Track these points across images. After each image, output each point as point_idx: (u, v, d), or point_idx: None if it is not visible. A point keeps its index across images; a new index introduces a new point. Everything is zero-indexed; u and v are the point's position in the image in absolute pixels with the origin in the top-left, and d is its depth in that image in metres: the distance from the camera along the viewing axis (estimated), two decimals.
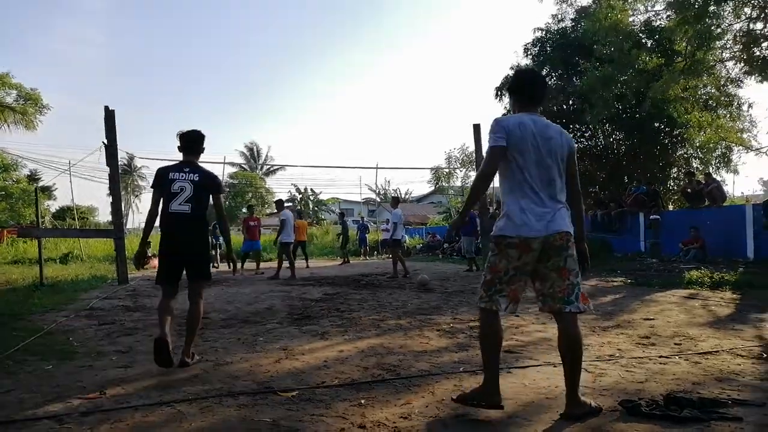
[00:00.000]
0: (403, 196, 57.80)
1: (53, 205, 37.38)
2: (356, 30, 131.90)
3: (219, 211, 4.53)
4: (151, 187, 4.43)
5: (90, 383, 3.64)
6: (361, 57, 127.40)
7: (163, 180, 4.27)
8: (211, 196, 4.39)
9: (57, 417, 2.95)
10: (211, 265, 11.91)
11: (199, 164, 4.46)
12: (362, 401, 3.16)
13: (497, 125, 2.96)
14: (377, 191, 55.56)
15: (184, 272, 4.40)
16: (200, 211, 4.27)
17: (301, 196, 49.76)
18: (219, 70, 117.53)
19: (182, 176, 4.26)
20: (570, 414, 2.77)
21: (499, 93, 23.93)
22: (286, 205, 15.97)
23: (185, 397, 3.27)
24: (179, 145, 4.44)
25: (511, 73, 23.37)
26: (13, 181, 28.99)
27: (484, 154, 3.39)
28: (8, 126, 26.01)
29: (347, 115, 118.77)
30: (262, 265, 16.14)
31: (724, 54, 16.05)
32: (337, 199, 46.35)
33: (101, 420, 2.90)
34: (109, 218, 12.50)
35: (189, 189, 4.23)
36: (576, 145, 3.33)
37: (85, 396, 3.34)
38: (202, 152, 4.58)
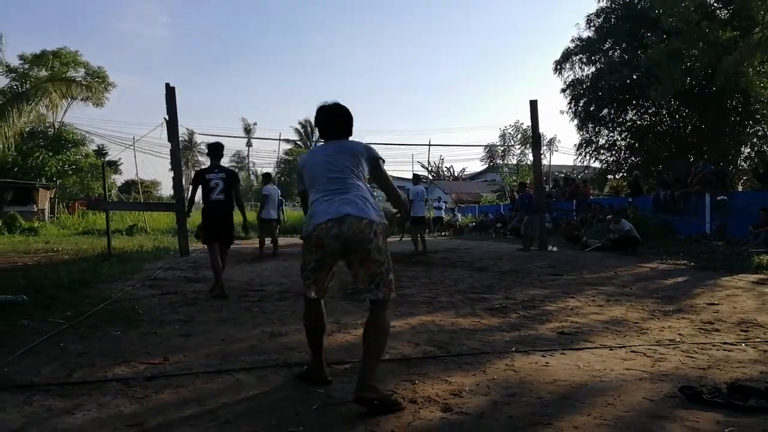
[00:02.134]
0: (456, 173, 57.25)
1: (119, 179, 39.07)
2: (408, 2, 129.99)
3: (237, 194, 6.55)
4: (191, 183, 6.40)
5: (154, 349, 3.83)
6: (412, 30, 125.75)
7: (201, 179, 6.37)
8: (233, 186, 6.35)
9: (124, 380, 3.13)
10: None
11: (223, 165, 6.51)
12: (413, 377, 3.19)
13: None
14: (429, 169, 55.26)
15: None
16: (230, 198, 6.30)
17: None
18: (275, 48, 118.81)
19: (215, 176, 6.28)
20: (358, 397, 2.63)
21: (558, 67, 23.20)
22: None
23: (243, 366, 3.40)
24: (207, 152, 6.68)
25: (571, 46, 22.55)
26: (83, 155, 30.50)
27: (541, 131, 3.41)
28: (79, 101, 27.28)
29: (400, 91, 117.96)
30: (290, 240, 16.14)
31: None
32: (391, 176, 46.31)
33: (165, 385, 3.05)
34: (171, 192, 12.97)
35: (221, 184, 6.21)
36: (638, 123, 3.18)
37: (149, 361, 3.51)
38: (223, 156, 6.61)
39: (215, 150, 6.52)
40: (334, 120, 3.25)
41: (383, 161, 3.24)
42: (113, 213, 18.70)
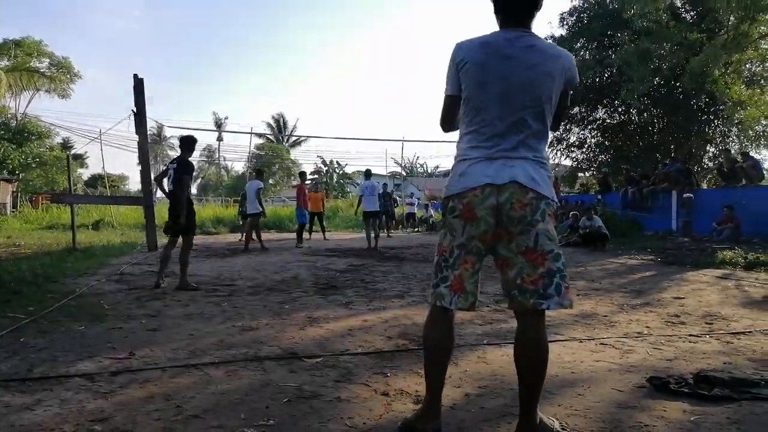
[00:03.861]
0: (429, 170, 57.48)
1: (85, 173, 38.22)
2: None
3: (183, 184, 6.37)
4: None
5: (120, 344, 3.73)
6: (384, 27, 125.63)
7: (164, 170, 6.73)
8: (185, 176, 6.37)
9: (88, 375, 3.03)
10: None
11: (181, 158, 6.55)
12: (386, 370, 3.17)
13: (454, 51, 2.20)
14: (403, 165, 55.31)
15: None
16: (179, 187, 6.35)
17: (326, 168, 49.89)
18: (248, 43, 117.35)
19: (171, 165, 6.52)
20: None
21: None
22: (309, 177, 15.79)
23: (212, 361, 3.33)
24: (180, 144, 6.71)
25: None
26: (47, 148, 29.66)
27: None
28: (43, 93, 26.49)
29: (375, 87, 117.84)
30: (286, 236, 16.17)
31: None
32: (362, 172, 46.38)
33: (130, 380, 2.97)
34: (140, 186, 12.68)
35: (173, 174, 6.37)
36: (608, 121, 2.74)
37: (114, 356, 3.42)
38: (183, 149, 6.63)
39: (181, 143, 6.68)
40: None
41: None
42: (78, 207, 18.24)
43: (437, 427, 2.22)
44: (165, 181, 6.61)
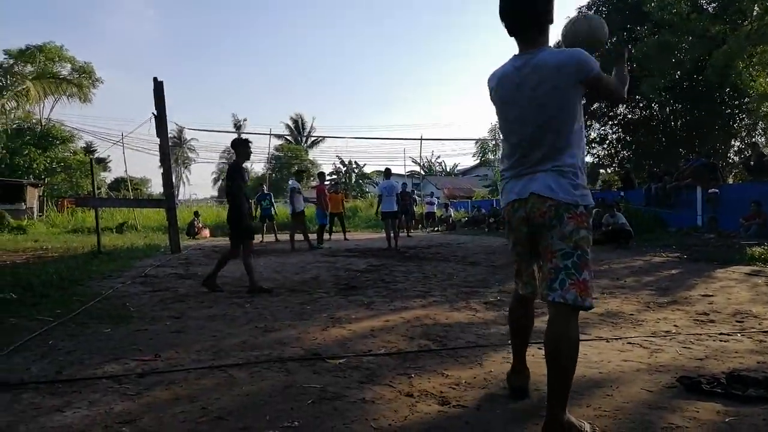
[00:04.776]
0: (448, 169, 57.28)
1: (108, 177, 38.81)
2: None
3: (228, 188, 6.42)
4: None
5: (145, 346, 3.77)
6: (403, 26, 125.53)
7: None
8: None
9: (115, 377, 3.07)
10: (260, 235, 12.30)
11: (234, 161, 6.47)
12: (409, 370, 3.15)
13: (488, 82, 2.57)
14: (422, 164, 55.20)
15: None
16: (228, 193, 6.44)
17: (345, 168, 49.98)
18: (266, 43, 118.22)
19: None
20: None
21: None
22: (328, 178, 15.99)
23: (236, 362, 3.34)
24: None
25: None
26: (71, 152, 30.21)
27: None
28: (66, 98, 26.95)
29: (392, 86, 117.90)
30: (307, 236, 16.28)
31: None
32: (381, 172, 46.37)
33: (156, 382, 2.99)
34: (162, 189, 12.85)
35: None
36: (630, 116, 2.95)
37: (140, 358, 3.45)
38: (237, 152, 6.43)
39: (232, 147, 6.62)
40: (508, 8, 2.37)
41: (599, 71, 2.27)
42: (103, 210, 18.56)
43: (525, 384, 2.71)
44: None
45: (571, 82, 2.24)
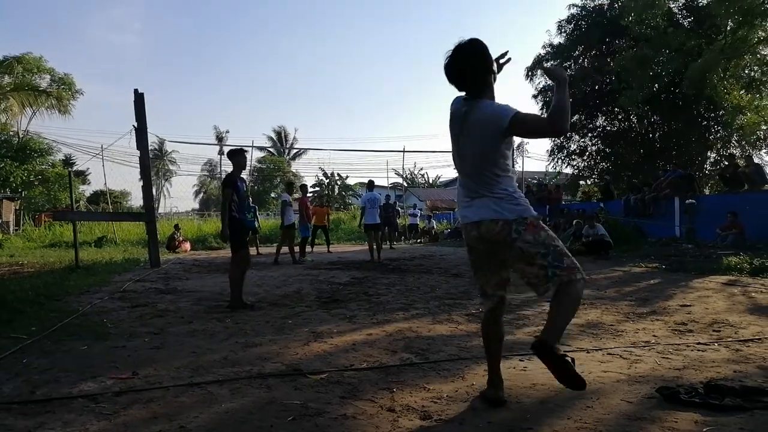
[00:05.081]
0: (431, 180, 57.50)
1: (87, 190, 38.21)
2: (382, 6, 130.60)
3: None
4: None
5: (123, 364, 3.70)
6: (383, 37, 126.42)
7: None
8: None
9: (91, 396, 3.00)
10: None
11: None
12: (391, 385, 3.13)
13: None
14: (404, 176, 55.30)
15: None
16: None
17: (328, 180, 49.92)
18: (248, 55, 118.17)
19: None
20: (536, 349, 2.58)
21: (529, 73, 23.47)
22: (311, 190, 15.88)
23: (215, 379, 3.30)
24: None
25: (543, 52, 22.86)
26: (49, 165, 29.73)
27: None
28: (44, 111, 26.56)
29: (374, 98, 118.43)
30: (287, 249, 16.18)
31: None
32: (364, 183, 46.37)
33: (134, 400, 2.94)
34: (142, 202, 12.71)
35: None
36: (608, 128, 3.14)
37: (118, 376, 3.39)
38: (233, 162, 6.31)
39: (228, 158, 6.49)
40: (450, 70, 2.70)
41: (520, 115, 2.54)
42: (81, 224, 18.28)
43: (501, 395, 2.80)
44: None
45: (496, 134, 2.58)
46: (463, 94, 2.75)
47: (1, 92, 25.30)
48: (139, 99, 11.67)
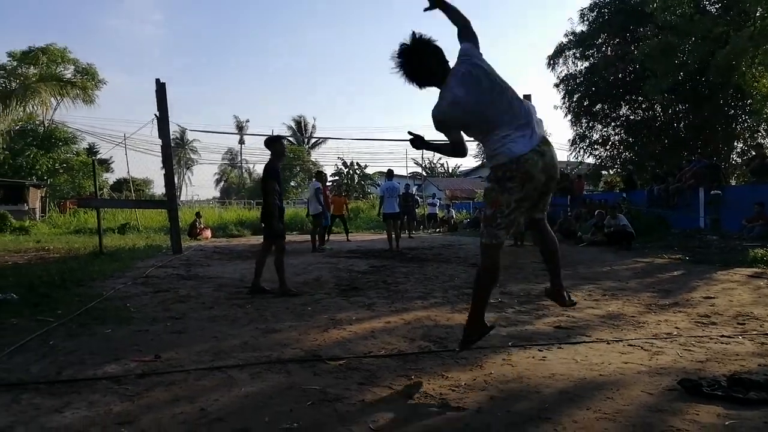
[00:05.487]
0: (450, 170, 57.24)
1: (111, 178, 38.84)
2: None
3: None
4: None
5: (145, 347, 3.77)
6: (406, 25, 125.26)
7: None
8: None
9: (115, 378, 3.07)
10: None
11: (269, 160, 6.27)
12: (409, 372, 3.14)
13: None
14: (424, 165, 55.11)
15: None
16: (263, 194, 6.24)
17: (347, 170, 49.97)
18: (268, 45, 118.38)
19: None
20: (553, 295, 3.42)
21: (551, 62, 23.16)
22: (331, 179, 15.88)
23: (236, 363, 3.34)
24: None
25: (565, 41, 22.51)
26: (74, 153, 30.25)
27: None
28: (70, 101, 26.95)
29: (394, 88, 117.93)
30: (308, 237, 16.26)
31: None
32: (383, 173, 46.26)
33: (156, 382, 2.99)
34: (164, 190, 12.87)
35: None
36: (632, 117, 3.41)
37: (140, 359, 3.45)
38: (271, 150, 6.25)
39: (265, 146, 6.40)
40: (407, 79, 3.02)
41: None
42: (104, 211, 18.57)
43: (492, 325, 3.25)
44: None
45: None
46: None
47: (28, 83, 25.67)
48: (160, 88, 11.78)
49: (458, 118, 2.93)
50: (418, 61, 2.91)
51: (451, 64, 2.93)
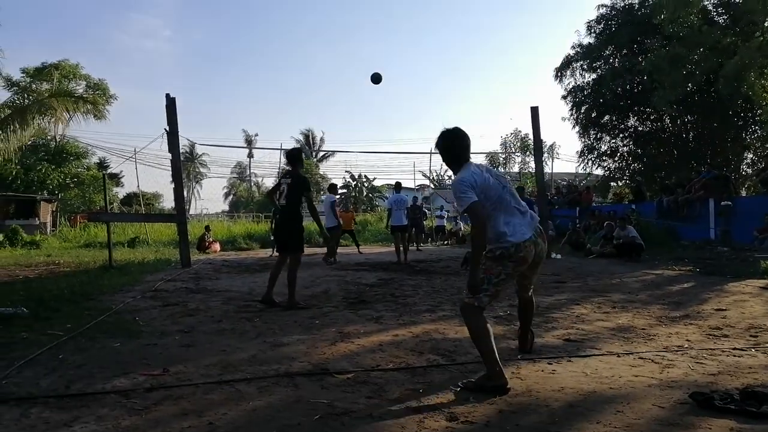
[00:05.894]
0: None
1: (121, 192, 39.13)
2: (406, 8, 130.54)
3: (308, 202, 6.36)
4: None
5: (154, 361, 3.77)
6: (413, 38, 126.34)
7: (276, 185, 6.62)
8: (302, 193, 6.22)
9: (123, 392, 3.07)
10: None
11: (295, 173, 6.31)
12: (417, 386, 3.13)
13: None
14: (431, 178, 55.09)
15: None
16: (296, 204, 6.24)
17: (355, 182, 50.05)
18: (276, 60, 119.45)
19: (284, 180, 6.29)
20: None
21: (558, 74, 23.19)
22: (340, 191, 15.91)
23: (244, 377, 3.34)
24: (289, 158, 6.49)
25: (572, 52, 22.57)
26: (85, 168, 30.53)
27: (542, 137, 3.62)
28: (81, 116, 27.27)
29: (401, 100, 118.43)
30: (317, 250, 16.27)
31: None
32: (391, 185, 46.30)
33: (164, 396, 3.00)
34: (173, 204, 12.96)
35: (286, 189, 6.13)
36: (640, 129, 3.42)
37: (149, 372, 3.46)
38: (295, 162, 6.36)
39: (290, 157, 6.49)
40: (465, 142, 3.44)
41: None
42: (114, 225, 18.68)
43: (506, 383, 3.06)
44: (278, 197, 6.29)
45: None
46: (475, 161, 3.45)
47: (41, 98, 26.02)
48: (170, 103, 11.89)
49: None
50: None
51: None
